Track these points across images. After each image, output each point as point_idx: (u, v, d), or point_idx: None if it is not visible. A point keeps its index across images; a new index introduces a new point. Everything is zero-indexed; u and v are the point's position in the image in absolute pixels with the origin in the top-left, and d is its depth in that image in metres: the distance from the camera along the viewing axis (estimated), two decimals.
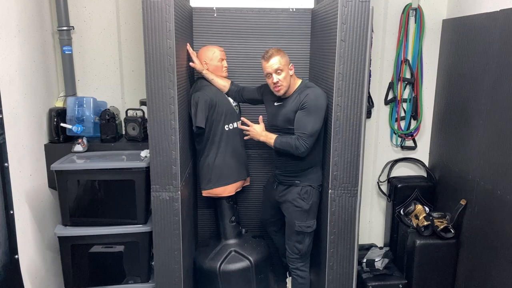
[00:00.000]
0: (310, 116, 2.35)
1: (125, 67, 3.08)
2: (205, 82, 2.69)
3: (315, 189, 2.53)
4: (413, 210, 3.11)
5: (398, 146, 3.35)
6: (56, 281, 2.82)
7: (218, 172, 2.72)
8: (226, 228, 2.88)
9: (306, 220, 2.53)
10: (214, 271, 2.76)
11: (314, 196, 2.53)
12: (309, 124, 2.34)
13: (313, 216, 2.56)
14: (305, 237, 2.57)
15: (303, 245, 2.59)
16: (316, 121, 2.34)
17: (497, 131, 2.47)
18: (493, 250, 2.51)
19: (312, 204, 2.53)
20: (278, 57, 2.38)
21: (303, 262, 2.66)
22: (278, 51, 2.41)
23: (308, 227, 2.54)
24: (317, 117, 2.34)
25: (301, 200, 2.51)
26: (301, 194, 2.52)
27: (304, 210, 2.52)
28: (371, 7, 2.14)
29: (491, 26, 2.53)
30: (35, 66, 2.64)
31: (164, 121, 2.20)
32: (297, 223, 2.54)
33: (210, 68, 2.68)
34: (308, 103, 2.35)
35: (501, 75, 2.43)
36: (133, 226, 2.61)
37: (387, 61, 3.22)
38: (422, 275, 2.94)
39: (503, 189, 2.41)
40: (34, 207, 2.58)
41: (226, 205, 2.84)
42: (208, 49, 2.70)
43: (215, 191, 2.76)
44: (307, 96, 2.36)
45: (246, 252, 2.83)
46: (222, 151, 2.70)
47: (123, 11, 3.00)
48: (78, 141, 2.75)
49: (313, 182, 2.53)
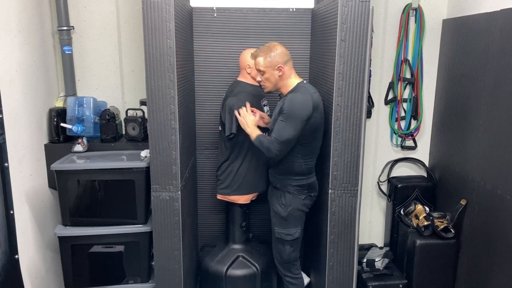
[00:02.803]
0: (285, 123, 2.25)
1: (125, 67, 3.07)
2: (242, 87, 2.65)
3: (294, 196, 2.43)
4: (413, 210, 3.11)
5: (398, 146, 3.35)
6: (56, 281, 2.82)
7: (239, 180, 2.71)
8: (235, 232, 2.88)
9: (285, 228, 2.45)
10: (220, 275, 2.76)
11: (294, 205, 2.43)
12: (283, 131, 2.25)
13: (295, 224, 2.46)
14: (286, 245, 2.50)
15: (284, 253, 2.52)
16: (290, 129, 2.24)
17: (497, 131, 2.47)
18: (493, 250, 2.51)
19: (292, 212, 2.43)
20: (261, 58, 2.31)
21: (288, 270, 2.59)
22: (264, 51, 2.31)
23: (288, 235, 2.46)
24: (291, 125, 2.24)
25: (279, 206, 2.46)
26: (279, 199, 2.46)
27: (281, 216, 2.45)
28: (371, 7, 2.14)
29: (491, 26, 2.53)
30: (35, 66, 2.64)
31: (164, 121, 2.20)
32: (276, 229, 2.50)
33: (253, 73, 2.61)
34: (286, 110, 2.25)
35: (501, 75, 2.43)
36: (133, 226, 2.61)
37: (387, 61, 3.22)
38: (422, 275, 2.94)
39: (503, 189, 2.41)
40: (34, 207, 2.58)
41: (239, 211, 2.84)
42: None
43: (231, 197, 2.76)
44: (287, 101, 2.27)
45: (254, 259, 2.83)
46: (248, 160, 2.68)
47: (123, 11, 2.99)
48: (78, 141, 2.75)
49: (291, 190, 2.43)
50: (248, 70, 2.64)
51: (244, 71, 2.68)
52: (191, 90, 2.86)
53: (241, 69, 2.72)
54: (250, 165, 2.70)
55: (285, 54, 2.34)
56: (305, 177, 2.44)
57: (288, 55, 2.35)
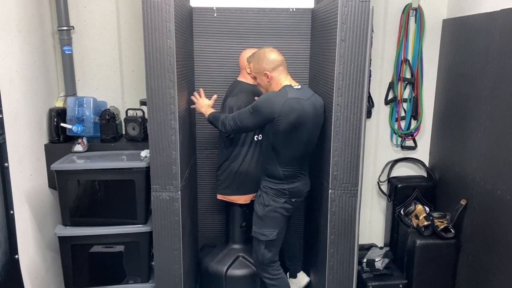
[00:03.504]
0: (248, 112, 2.31)
1: (125, 67, 3.07)
2: (242, 87, 2.67)
3: (273, 198, 2.42)
4: (413, 210, 3.10)
5: (398, 146, 3.35)
6: (56, 281, 2.82)
7: (239, 180, 2.71)
8: (235, 232, 2.88)
9: (261, 227, 2.46)
10: (220, 275, 2.77)
11: (271, 206, 2.42)
12: (242, 117, 2.31)
13: (272, 226, 2.44)
14: (260, 244, 2.49)
15: (259, 253, 2.52)
16: (249, 119, 2.30)
17: (497, 131, 2.47)
18: (493, 250, 2.51)
19: (268, 212, 2.43)
20: (252, 64, 2.43)
21: (264, 270, 2.56)
22: (255, 58, 2.40)
23: (262, 235, 2.46)
24: (252, 116, 2.29)
25: (258, 205, 2.48)
26: (258, 198, 2.49)
27: (258, 215, 2.47)
28: (371, 7, 2.14)
29: (491, 26, 2.53)
30: (35, 66, 2.64)
31: (164, 121, 2.20)
32: (253, 227, 2.51)
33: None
34: (256, 102, 2.32)
35: (501, 75, 2.43)
36: (133, 226, 2.61)
37: (387, 61, 3.22)
38: (422, 275, 2.94)
39: (503, 189, 2.41)
40: (34, 207, 2.58)
41: (239, 211, 2.84)
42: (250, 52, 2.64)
43: (231, 197, 2.77)
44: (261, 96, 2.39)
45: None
46: (248, 160, 2.69)
47: (123, 11, 3.00)
48: (78, 141, 2.75)
49: (272, 192, 2.42)
50: (248, 70, 2.64)
51: (244, 71, 2.68)
52: (191, 90, 2.86)
53: (241, 69, 2.72)
54: (250, 165, 2.70)
55: (274, 61, 2.33)
56: (284, 182, 2.41)
57: (277, 62, 2.34)
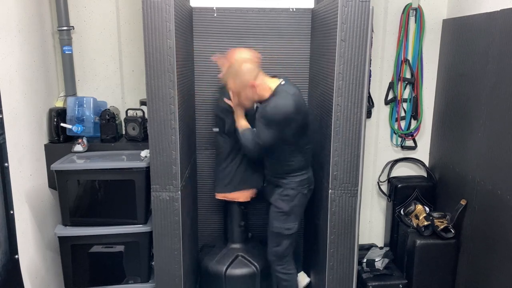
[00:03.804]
0: (264, 127, 2.31)
1: (125, 67, 3.07)
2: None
3: (297, 192, 2.49)
4: (413, 210, 3.10)
5: (398, 146, 3.35)
6: (56, 281, 2.82)
7: (238, 177, 2.72)
8: (234, 232, 2.88)
9: (285, 222, 2.50)
10: (220, 274, 2.76)
11: (296, 199, 2.49)
12: (263, 135, 2.32)
13: (294, 219, 2.52)
14: (283, 239, 2.54)
15: (281, 247, 2.56)
16: (269, 134, 2.31)
17: (497, 131, 2.47)
18: (493, 250, 2.51)
19: (294, 207, 2.50)
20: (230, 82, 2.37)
21: (283, 264, 2.62)
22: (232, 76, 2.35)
23: (287, 229, 2.51)
24: (271, 129, 2.30)
25: (282, 202, 2.50)
26: (282, 196, 2.50)
27: (283, 212, 2.50)
28: (371, 7, 2.14)
29: (491, 26, 2.53)
30: (35, 66, 2.64)
31: (164, 121, 2.20)
32: (275, 224, 2.53)
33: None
34: (264, 116, 2.30)
35: (501, 75, 2.43)
36: (133, 226, 2.61)
37: (387, 61, 3.22)
38: (422, 275, 2.94)
39: (503, 189, 2.41)
40: (34, 207, 2.58)
41: (238, 210, 2.84)
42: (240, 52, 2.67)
43: (231, 195, 2.77)
44: (269, 107, 2.30)
45: (253, 259, 2.83)
46: (247, 157, 2.69)
47: (123, 11, 2.99)
48: (78, 141, 2.75)
49: (296, 186, 2.48)
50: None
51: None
52: (191, 90, 2.86)
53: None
54: (248, 161, 2.71)
55: (252, 68, 2.33)
56: (304, 170, 2.50)
57: (255, 67, 2.34)
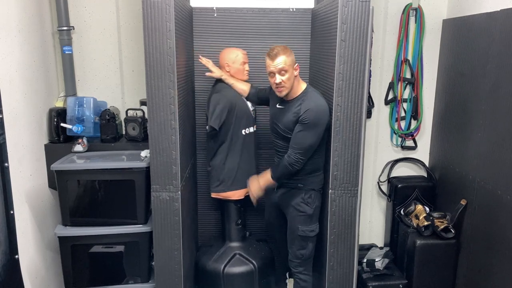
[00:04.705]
0: (308, 132, 2.29)
1: (125, 67, 3.07)
2: (225, 85, 2.68)
3: (318, 193, 2.48)
4: (413, 210, 3.10)
5: (398, 146, 3.35)
6: (56, 281, 2.82)
7: (231, 175, 2.72)
8: (231, 230, 2.88)
9: (310, 225, 2.48)
10: (218, 273, 2.76)
11: (317, 200, 2.48)
12: (307, 141, 2.30)
13: (316, 219, 2.51)
14: (309, 241, 2.52)
15: (307, 250, 2.53)
16: (314, 137, 2.30)
17: (497, 131, 2.47)
18: (493, 250, 2.51)
19: (316, 208, 2.49)
20: (284, 56, 2.26)
21: (306, 266, 2.61)
22: (284, 50, 2.28)
23: (311, 231, 2.49)
24: (315, 133, 2.29)
25: (305, 205, 2.46)
26: (305, 199, 2.46)
27: (308, 215, 2.47)
28: (371, 7, 2.14)
29: (491, 26, 2.53)
30: (35, 66, 2.64)
31: (164, 121, 2.20)
32: (300, 227, 2.48)
33: (232, 71, 2.67)
34: (309, 119, 2.27)
35: (501, 75, 2.43)
36: (133, 226, 2.61)
37: (387, 61, 3.22)
38: (423, 275, 2.94)
39: (503, 189, 2.41)
40: (34, 207, 2.58)
41: (234, 208, 2.84)
42: (231, 51, 2.69)
43: (225, 194, 2.77)
44: (308, 112, 2.27)
45: (251, 256, 2.83)
46: (238, 155, 2.70)
47: (123, 11, 2.99)
48: (78, 141, 2.75)
49: (315, 186, 2.47)
50: (227, 68, 2.68)
51: (224, 69, 2.70)
52: (191, 90, 2.86)
53: (221, 67, 2.73)
54: (240, 159, 2.71)
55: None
56: (321, 170, 2.48)
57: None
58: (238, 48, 2.73)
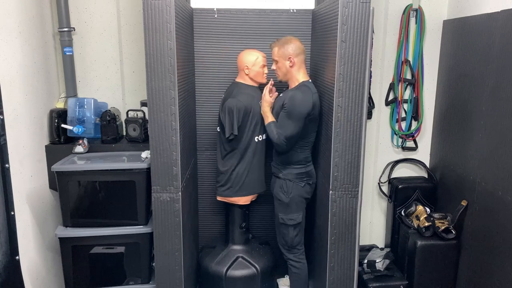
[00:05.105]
0: (286, 120, 2.46)
1: (126, 68, 3.08)
2: (241, 88, 2.66)
3: (294, 184, 2.58)
4: (414, 211, 3.10)
5: (399, 147, 3.35)
6: (57, 282, 2.82)
7: (239, 181, 2.71)
8: (235, 233, 2.88)
9: (288, 213, 2.60)
10: (220, 275, 2.77)
11: (294, 190, 2.58)
12: (288, 128, 2.45)
13: (296, 209, 2.61)
14: (289, 229, 2.63)
15: (288, 237, 2.65)
16: (294, 127, 2.44)
17: (498, 132, 2.47)
18: (494, 251, 2.51)
19: (293, 198, 2.58)
20: (276, 48, 2.53)
21: (294, 253, 2.70)
22: (279, 42, 2.53)
23: (290, 219, 2.60)
24: (294, 122, 2.44)
25: (281, 193, 2.60)
26: (282, 187, 2.60)
27: (284, 203, 2.60)
28: (371, 8, 2.14)
29: (492, 27, 2.53)
30: (36, 67, 2.65)
31: (165, 122, 2.20)
32: (279, 215, 2.63)
33: (251, 74, 2.65)
34: (288, 107, 2.44)
35: (502, 76, 2.43)
36: (133, 227, 2.61)
37: (387, 62, 3.22)
38: (423, 276, 2.94)
39: (504, 190, 2.41)
40: (35, 208, 2.58)
41: (239, 212, 2.84)
42: (251, 53, 2.66)
43: (232, 199, 2.77)
44: (290, 98, 2.45)
45: (253, 260, 2.84)
46: (248, 161, 2.69)
47: (123, 12, 3.00)
48: (79, 142, 2.75)
49: (293, 177, 2.58)
50: (246, 71, 2.65)
51: (242, 72, 2.68)
52: (192, 91, 2.86)
53: (239, 70, 2.71)
54: (250, 166, 2.70)
55: (298, 48, 2.51)
56: (303, 165, 2.60)
57: (301, 50, 2.52)
58: (258, 50, 2.70)
